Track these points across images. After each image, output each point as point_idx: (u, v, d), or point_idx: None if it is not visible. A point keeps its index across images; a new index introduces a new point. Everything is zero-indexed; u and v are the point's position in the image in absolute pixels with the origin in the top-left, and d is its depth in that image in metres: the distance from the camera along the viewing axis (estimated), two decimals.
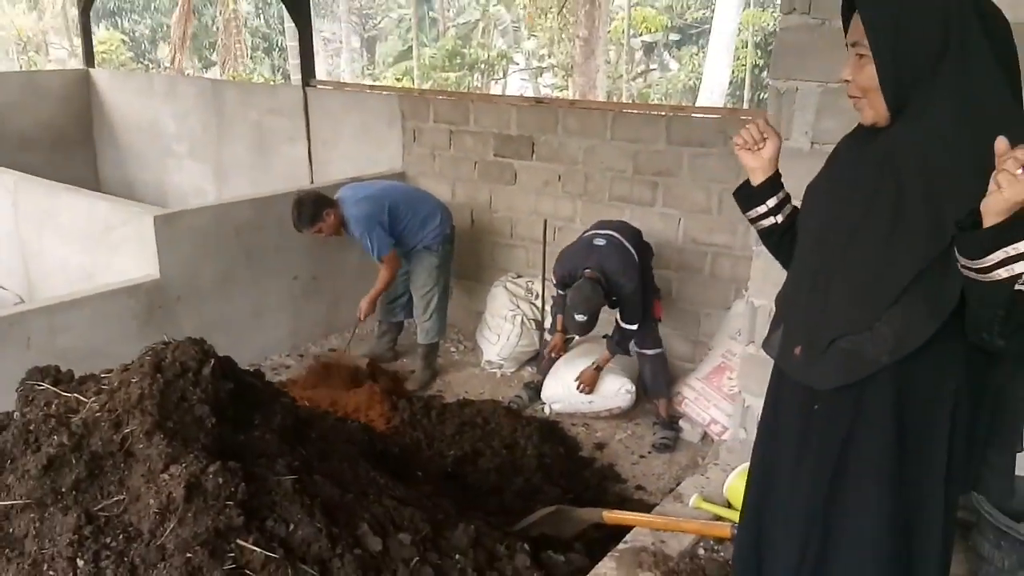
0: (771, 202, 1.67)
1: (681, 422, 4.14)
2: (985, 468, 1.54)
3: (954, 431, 1.47)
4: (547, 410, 4.33)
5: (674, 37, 20.02)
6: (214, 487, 1.78)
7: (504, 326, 4.80)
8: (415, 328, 4.76)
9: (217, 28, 17.62)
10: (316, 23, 22.21)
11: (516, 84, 21.58)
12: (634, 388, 4.22)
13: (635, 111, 4.88)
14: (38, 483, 1.75)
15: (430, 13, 22.95)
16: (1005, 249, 1.18)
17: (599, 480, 3.75)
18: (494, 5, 20.59)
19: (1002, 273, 1.20)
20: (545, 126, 4.89)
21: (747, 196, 1.70)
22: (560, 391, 4.26)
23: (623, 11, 18.26)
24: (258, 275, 4.69)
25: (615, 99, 16.88)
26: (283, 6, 6.61)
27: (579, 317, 3.68)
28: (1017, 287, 1.22)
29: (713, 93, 14.04)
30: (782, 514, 1.64)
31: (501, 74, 21.29)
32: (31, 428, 1.87)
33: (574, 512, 2.83)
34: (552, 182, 4.92)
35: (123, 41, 20.32)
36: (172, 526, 1.73)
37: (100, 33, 18.87)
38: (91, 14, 8.37)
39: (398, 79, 19.27)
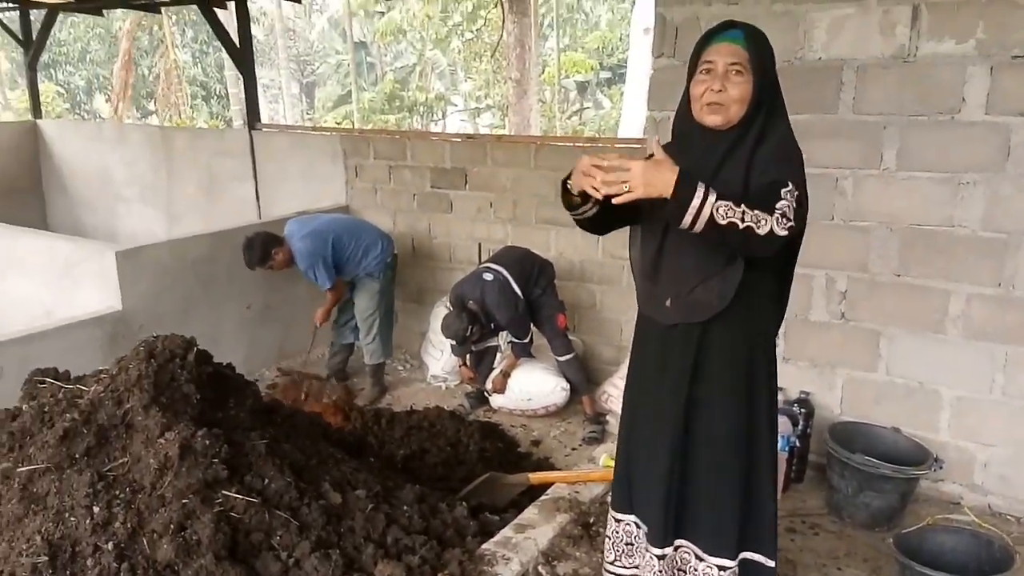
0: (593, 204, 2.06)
1: (608, 416, 4.62)
2: None
3: (767, 355, 2.04)
4: (492, 403, 4.78)
5: (605, 76, 21.00)
6: (202, 447, 2.19)
7: (446, 342, 5.23)
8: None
9: (156, 77, 17.86)
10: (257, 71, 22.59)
11: (456, 124, 22.27)
12: (568, 387, 4.69)
13: (557, 143, 5.43)
14: (56, 451, 2.13)
15: (367, 58, 23.56)
16: (687, 212, 1.73)
17: (535, 470, 4.19)
18: (430, 50, 21.31)
19: (697, 226, 1.74)
20: (476, 159, 5.40)
21: (576, 203, 2.03)
22: (501, 398, 4.75)
23: (554, 55, 19.15)
24: (214, 304, 5.04)
25: (550, 135, 17.59)
26: (223, 54, 7.02)
27: (448, 341, 4.61)
28: (715, 222, 1.74)
29: (633, 126, 14.84)
30: (647, 424, 2.12)
31: (440, 115, 21.96)
32: (45, 409, 2.25)
33: (505, 478, 3.27)
34: (485, 209, 5.41)
35: (59, 92, 20.35)
36: (169, 479, 2.12)
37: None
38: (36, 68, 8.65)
39: (338, 122, 19.73)
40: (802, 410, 3.33)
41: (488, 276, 4.46)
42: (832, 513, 3.07)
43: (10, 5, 7.68)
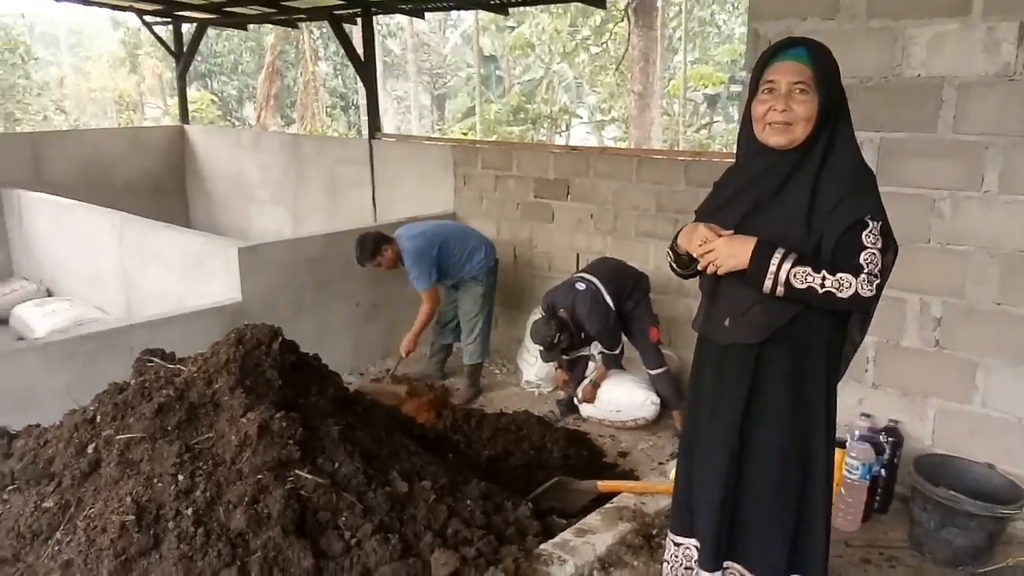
0: None
1: None
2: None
3: (829, 373, 1.99)
4: (582, 411, 4.83)
5: (736, 89, 20.55)
6: (279, 429, 2.37)
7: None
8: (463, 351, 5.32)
9: (297, 88, 19.03)
10: (389, 83, 23.63)
11: (580, 137, 22.40)
12: (659, 400, 4.67)
13: (659, 156, 5.43)
14: (151, 423, 2.37)
15: (496, 71, 24.10)
16: (765, 279, 1.84)
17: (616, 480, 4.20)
18: (557, 63, 21.55)
19: (778, 291, 1.85)
20: (579, 170, 5.48)
21: (685, 262, 2.12)
22: (590, 407, 4.79)
23: (682, 68, 18.92)
24: (325, 301, 5.36)
25: (655, 149, 17.39)
26: None
27: (537, 347, 4.65)
28: (792, 287, 1.83)
29: None
30: (705, 447, 2.12)
31: (564, 127, 22.16)
32: (146, 385, 2.51)
33: (574, 483, 3.31)
34: (585, 220, 5.48)
35: (212, 101, 22.03)
36: (248, 455, 2.32)
37: (192, 94, 20.57)
38: (186, 78, 9.46)
39: (464, 133, 20.29)
40: (890, 439, 3.18)
41: (581, 286, 4.52)
42: (913, 547, 2.92)
43: (164, 20, 8.47)
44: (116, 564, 2.10)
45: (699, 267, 2.01)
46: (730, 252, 1.90)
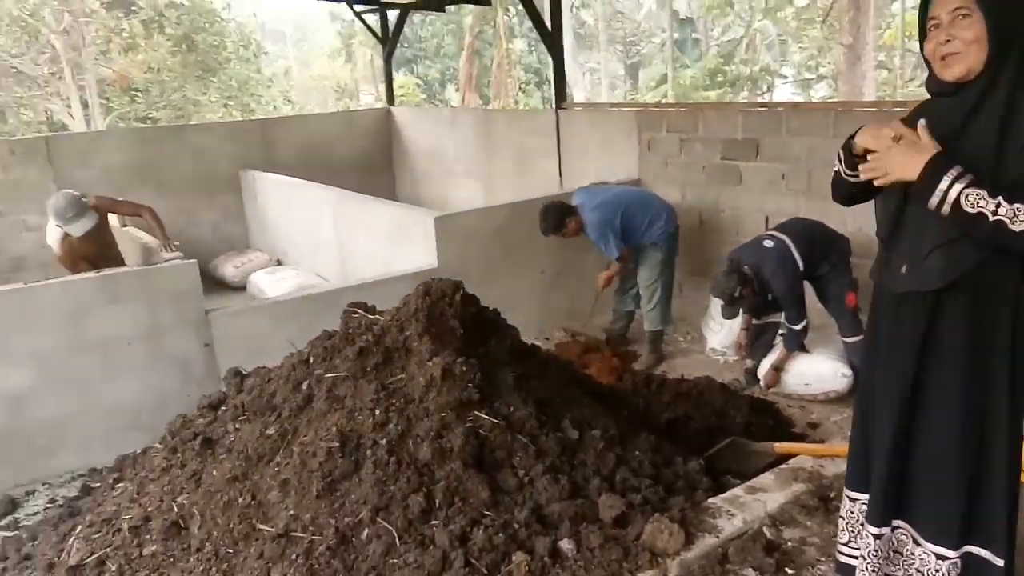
0: None
1: None
2: None
3: (1016, 323, 1.83)
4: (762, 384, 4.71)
5: None
6: (460, 373, 2.60)
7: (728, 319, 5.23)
8: None
9: (493, 67, 19.66)
10: (582, 55, 23.69)
11: (786, 97, 21.23)
12: (851, 373, 4.44)
13: (861, 108, 5.10)
14: (353, 364, 2.69)
15: (692, 35, 23.38)
16: (932, 195, 1.73)
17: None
18: (759, 20, 20.53)
19: (944, 210, 1.73)
20: (769, 128, 5.28)
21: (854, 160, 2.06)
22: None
23: (899, 16, 17.32)
24: (512, 267, 5.60)
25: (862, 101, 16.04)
26: None
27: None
28: (961, 209, 1.72)
29: None
30: (878, 399, 2.05)
31: (765, 88, 21.10)
32: (350, 332, 2.84)
33: (751, 445, 3.28)
34: (776, 181, 5.28)
35: (417, 84, 23.34)
36: (433, 395, 2.56)
37: (399, 79, 21.94)
38: (392, 62, 10.15)
39: (658, 101, 19.94)
40: None
41: (768, 243, 4.35)
42: None
43: (371, 7, 9.13)
44: (323, 484, 2.43)
45: (863, 174, 1.87)
46: (903, 160, 1.78)
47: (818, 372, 4.47)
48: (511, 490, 2.48)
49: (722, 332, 5.23)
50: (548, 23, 7.00)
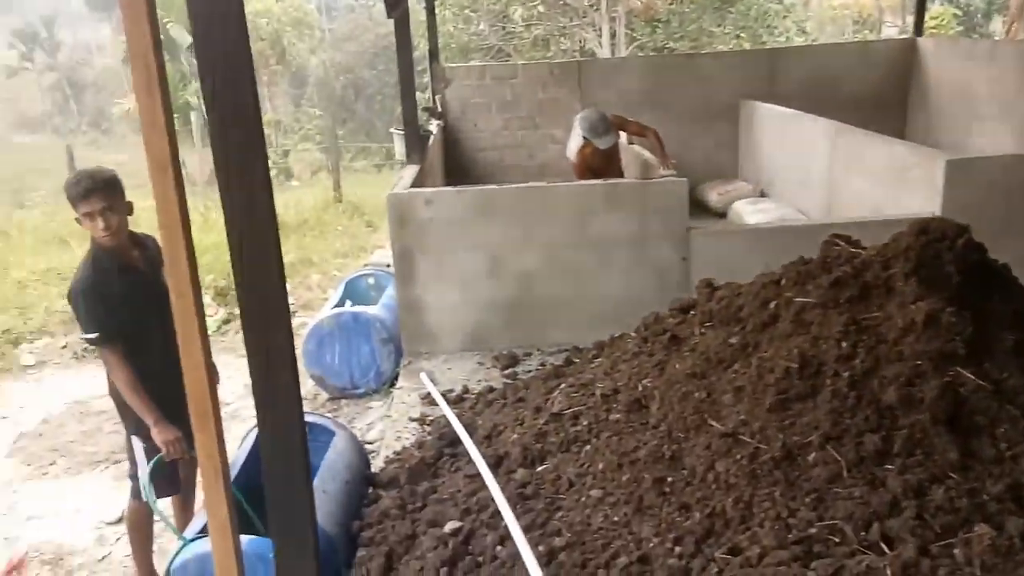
0: None
1: None
2: None
3: None
4: None
5: None
6: (947, 323, 2.37)
7: None
8: None
9: None
10: None
11: None
12: None
13: None
14: (825, 292, 2.64)
15: None
16: None
17: None
18: None
19: None
20: None
21: None
22: None
23: None
24: None
25: None
26: None
27: None
28: None
29: None
30: None
31: None
32: (828, 261, 2.77)
33: None
34: None
35: (955, 15, 20.39)
36: (910, 340, 2.39)
37: (933, 8, 19.37)
38: None
39: None
40: None
41: None
42: None
43: None
44: (776, 400, 2.47)
45: None
46: None
47: None
48: (986, 461, 2.22)
49: None
50: None
